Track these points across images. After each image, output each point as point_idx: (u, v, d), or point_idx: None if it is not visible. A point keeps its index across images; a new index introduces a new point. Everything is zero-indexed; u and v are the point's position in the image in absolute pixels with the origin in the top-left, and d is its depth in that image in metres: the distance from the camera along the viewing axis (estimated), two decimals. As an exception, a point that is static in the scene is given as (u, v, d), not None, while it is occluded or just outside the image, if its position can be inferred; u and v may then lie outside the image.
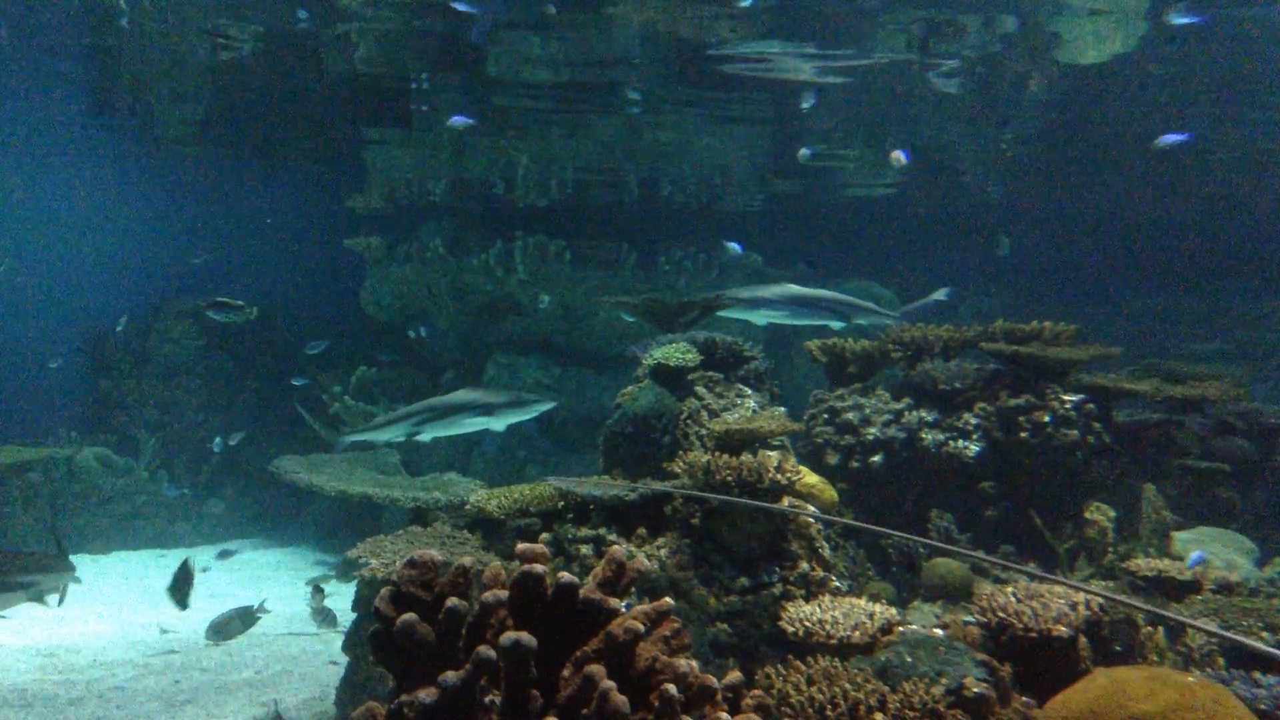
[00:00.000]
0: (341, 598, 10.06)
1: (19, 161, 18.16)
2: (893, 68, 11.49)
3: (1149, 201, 19.64)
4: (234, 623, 9.03)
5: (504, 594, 2.82)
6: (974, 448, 7.54)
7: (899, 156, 10.61)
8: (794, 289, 9.50)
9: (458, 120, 11.46)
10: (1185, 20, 9.80)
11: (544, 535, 6.15)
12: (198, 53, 11.47)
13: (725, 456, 5.89)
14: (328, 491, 9.14)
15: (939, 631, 5.09)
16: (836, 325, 9.63)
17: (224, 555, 12.75)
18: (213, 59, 11.60)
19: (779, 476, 5.67)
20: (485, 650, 2.62)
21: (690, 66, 11.36)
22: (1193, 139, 10.98)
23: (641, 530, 6.04)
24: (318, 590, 9.67)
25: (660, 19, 9.94)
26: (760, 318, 9.69)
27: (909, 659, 4.46)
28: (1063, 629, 4.66)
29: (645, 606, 2.95)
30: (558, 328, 15.00)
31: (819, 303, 9.51)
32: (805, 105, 11.58)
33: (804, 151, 12.77)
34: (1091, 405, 7.66)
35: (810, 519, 6.15)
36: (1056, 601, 4.87)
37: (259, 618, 9.14)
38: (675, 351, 7.14)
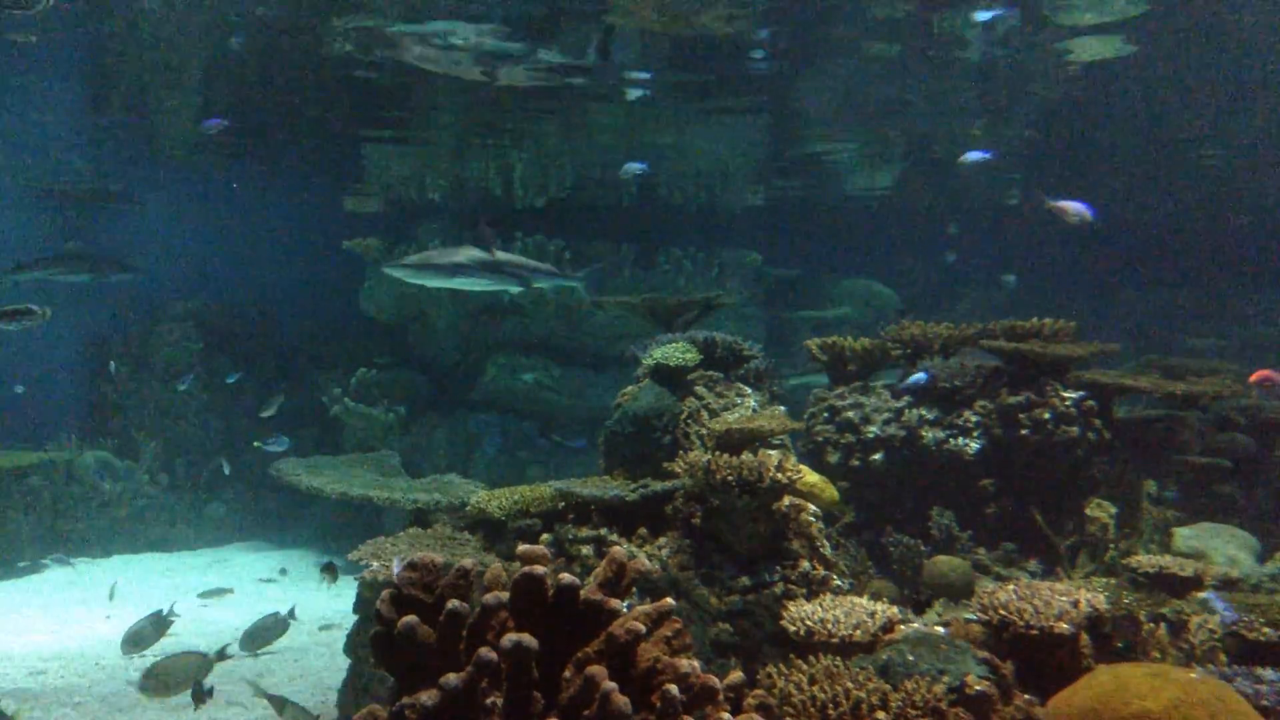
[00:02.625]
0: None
1: (16, 164, 18.13)
2: (887, 61, 11.49)
3: (1147, 197, 19.65)
4: (146, 630, 8.91)
5: (505, 595, 2.82)
6: (974, 445, 7.54)
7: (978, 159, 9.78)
8: (476, 252, 9.00)
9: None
10: (976, 157, 10.96)
11: (545, 536, 6.15)
12: (194, 50, 11.43)
13: (725, 456, 5.89)
14: (328, 494, 9.13)
15: (940, 629, 5.09)
16: (514, 289, 9.17)
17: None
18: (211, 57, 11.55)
19: (779, 475, 5.66)
20: (487, 652, 2.62)
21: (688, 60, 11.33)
22: (995, 156, 11.21)
23: (642, 530, 6.04)
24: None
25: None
26: (440, 283, 9.19)
27: (910, 657, 4.46)
28: (1064, 626, 4.66)
29: (646, 607, 2.95)
30: (557, 328, 15.00)
31: (501, 267, 9.05)
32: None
33: (630, 166, 12.06)
34: (1091, 402, 7.66)
35: (810, 518, 6.15)
36: (1058, 598, 4.87)
37: (171, 622, 9.03)
38: (675, 351, 7.14)
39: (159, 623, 8.90)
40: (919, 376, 7.62)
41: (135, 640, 8.74)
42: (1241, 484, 8.08)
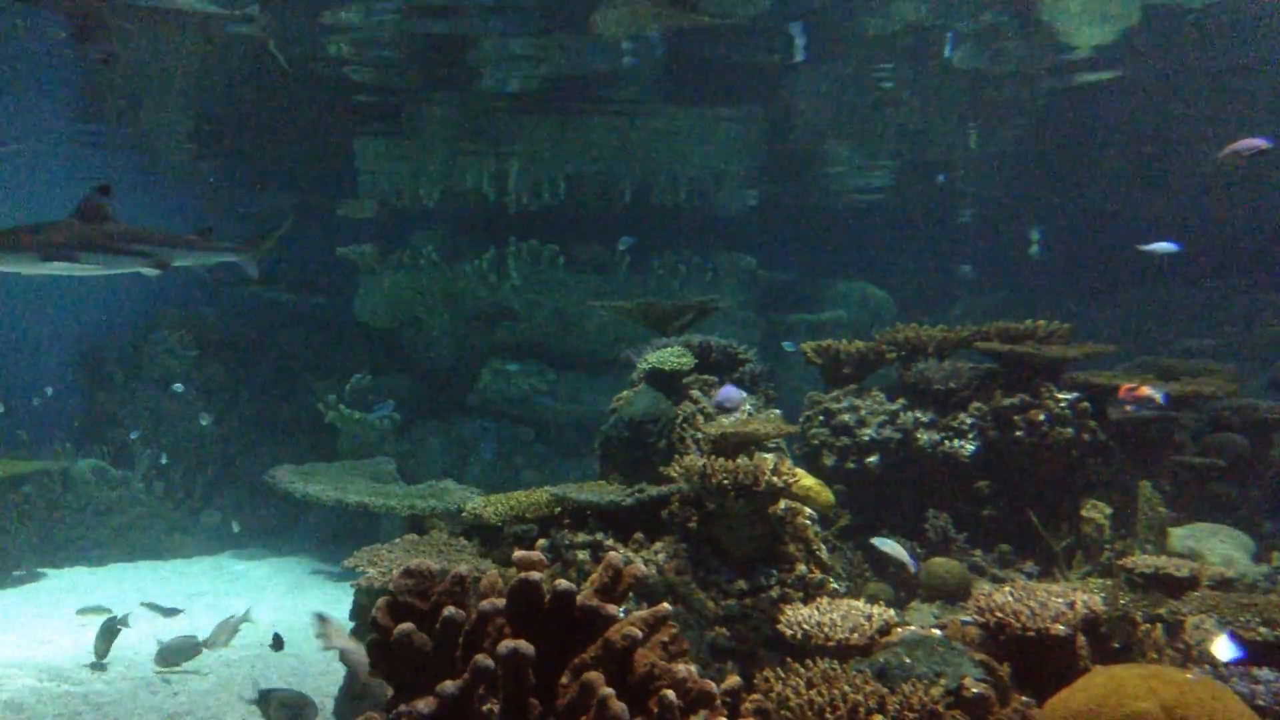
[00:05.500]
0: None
1: (9, 169, 18.11)
2: (883, 62, 11.52)
3: (1141, 197, 19.69)
4: (101, 643, 8.78)
5: (501, 602, 2.81)
6: (969, 447, 7.55)
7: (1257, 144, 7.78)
8: (82, 228, 7.05)
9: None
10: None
11: (541, 541, 6.15)
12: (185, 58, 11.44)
13: (721, 460, 5.89)
14: (324, 501, 9.12)
15: (937, 632, 5.09)
16: (150, 273, 7.41)
17: None
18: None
19: (775, 479, 5.67)
20: (483, 659, 2.61)
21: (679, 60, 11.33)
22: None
23: (638, 535, 6.03)
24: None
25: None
26: (29, 270, 7.00)
27: (907, 660, 4.46)
28: (1061, 627, 4.66)
29: (643, 612, 2.95)
30: (552, 332, 15.01)
31: (119, 244, 7.19)
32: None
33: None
34: (1086, 403, 7.67)
35: (807, 521, 6.15)
36: (1054, 600, 4.87)
37: (119, 630, 8.94)
38: (670, 355, 7.14)
39: (108, 630, 8.86)
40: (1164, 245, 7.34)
41: (96, 650, 8.73)
42: (1236, 483, 8.11)
